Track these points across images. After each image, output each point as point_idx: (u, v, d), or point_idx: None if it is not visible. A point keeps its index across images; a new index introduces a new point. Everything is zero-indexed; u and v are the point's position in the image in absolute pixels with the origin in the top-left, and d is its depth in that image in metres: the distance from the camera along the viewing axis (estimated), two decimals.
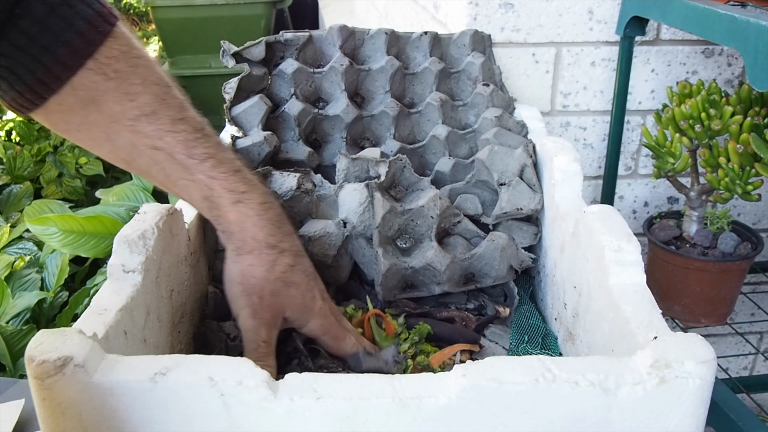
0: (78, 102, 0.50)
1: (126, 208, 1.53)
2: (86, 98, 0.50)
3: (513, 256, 0.74)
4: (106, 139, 0.53)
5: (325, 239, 0.72)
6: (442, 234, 0.74)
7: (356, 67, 0.83)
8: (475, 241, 0.76)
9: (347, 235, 0.73)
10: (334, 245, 0.72)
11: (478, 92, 0.85)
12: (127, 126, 0.52)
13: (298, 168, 0.76)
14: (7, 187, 1.92)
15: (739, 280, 0.96)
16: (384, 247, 0.71)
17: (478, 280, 0.74)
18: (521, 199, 0.74)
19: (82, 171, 2.06)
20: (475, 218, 0.77)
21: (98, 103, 0.51)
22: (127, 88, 0.51)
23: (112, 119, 0.51)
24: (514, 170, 0.75)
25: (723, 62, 1.08)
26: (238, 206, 0.55)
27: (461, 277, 0.73)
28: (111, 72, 0.50)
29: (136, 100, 0.51)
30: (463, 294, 0.75)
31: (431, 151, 0.83)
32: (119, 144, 0.53)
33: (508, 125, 0.81)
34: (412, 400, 0.41)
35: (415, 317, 0.71)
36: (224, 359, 0.43)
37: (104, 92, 0.50)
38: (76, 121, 0.52)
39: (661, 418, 0.43)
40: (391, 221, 0.71)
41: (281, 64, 0.81)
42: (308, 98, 0.82)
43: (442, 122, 0.83)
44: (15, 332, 1.25)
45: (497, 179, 0.75)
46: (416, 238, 0.74)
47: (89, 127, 0.52)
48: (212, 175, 0.54)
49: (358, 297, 0.75)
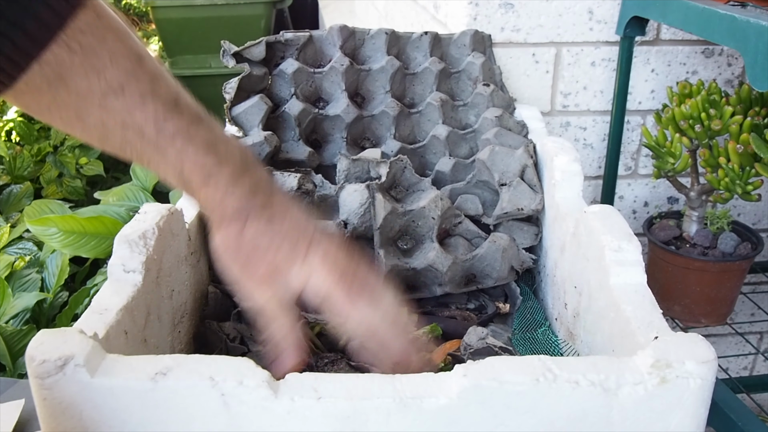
0: (45, 81, 0.47)
1: (126, 208, 1.53)
2: (53, 76, 0.47)
3: (514, 256, 0.74)
4: (77, 119, 0.50)
5: None
6: (443, 235, 0.74)
7: (356, 67, 0.83)
8: (476, 241, 0.76)
9: (347, 237, 0.73)
10: None
11: (478, 92, 0.85)
12: (95, 104, 0.49)
13: (299, 168, 0.76)
14: (7, 187, 1.92)
15: (739, 280, 0.96)
16: (385, 249, 0.71)
17: (480, 281, 0.74)
18: (522, 200, 0.74)
19: (83, 171, 2.06)
20: (475, 218, 0.77)
21: (65, 80, 0.48)
22: (93, 63, 0.48)
23: (80, 97, 0.49)
24: (515, 170, 0.75)
25: (723, 62, 1.08)
26: (209, 181, 0.52)
27: (462, 278, 0.73)
28: (76, 46, 0.47)
29: (104, 74, 0.48)
30: (463, 294, 0.75)
31: (431, 151, 0.83)
32: (90, 123, 0.50)
33: (509, 125, 0.81)
34: (412, 399, 0.41)
35: (420, 316, 0.71)
36: (225, 359, 0.43)
37: (70, 68, 0.47)
38: (46, 102, 0.49)
39: (661, 418, 0.43)
40: (392, 222, 0.71)
41: (281, 64, 0.81)
42: (308, 98, 0.82)
43: (442, 122, 0.83)
44: (15, 332, 1.25)
45: (498, 179, 0.75)
46: (417, 239, 0.74)
47: (59, 107, 0.49)
48: (182, 152, 0.51)
49: None
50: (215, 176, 0.52)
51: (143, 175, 1.68)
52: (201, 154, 0.52)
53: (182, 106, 0.52)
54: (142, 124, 0.50)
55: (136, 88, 0.50)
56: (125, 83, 0.49)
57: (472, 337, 0.64)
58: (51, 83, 0.47)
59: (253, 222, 0.53)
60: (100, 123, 0.50)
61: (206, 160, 0.52)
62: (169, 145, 0.51)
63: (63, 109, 0.50)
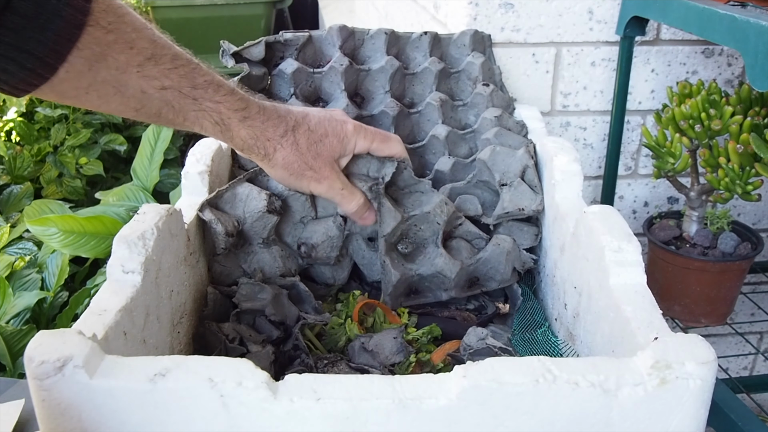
0: (86, 63, 0.50)
1: (126, 208, 1.53)
2: (92, 56, 0.50)
3: (516, 258, 0.74)
4: (116, 93, 0.54)
5: (327, 243, 0.72)
6: (444, 237, 0.74)
7: (356, 67, 0.83)
8: (476, 242, 0.75)
9: (347, 234, 0.73)
10: (336, 246, 0.72)
11: (477, 92, 0.84)
12: (134, 74, 0.53)
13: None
14: (7, 187, 1.91)
15: (739, 280, 0.96)
16: (390, 256, 0.70)
17: (483, 283, 0.74)
18: (523, 200, 0.74)
19: (83, 171, 2.06)
20: (475, 218, 0.77)
21: (105, 58, 0.51)
22: (124, 38, 0.52)
23: (120, 71, 0.52)
24: (515, 171, 0.75)
25: (723, 62, 1.08)
26: (246, 122, 0.61)
27: (466, 281, 0.73)
28: (107, 24, 0.50)
29: (136, 46, 0.53)
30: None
31: (431, 151, 0.83)
32: (129, 94, 0.54)
33: (508, 125, 0.81)
34: (412, 400, 0.41)
35: (420, 316, 0.71)
36: (224, 360, 0.43)
37: (108, 45, 0.51)
38: (86, 84, 0.52)
39: (661, 419, 0.43)
40: (397, 229, 0.71)
41: (281, 64, 0.81)
42: (308, 98, 0.82)
43: (441, 122, 0.83)
44: (15, 332, 1.25)
45: (499, 180, 0.75)
46: (418, 242, 0.74)
47: (99, 85, 0.52)
48: (217, 100, 0.58)
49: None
50: (249, 116, 0.61)
51: (143, 175, 1.68)
52: (232, 98, 0.59)
53: (191, 59, 0.58)
54: (178, 82, 0.56)
55: (163, 53, 0.55)
56: (154, 51, 0.54)
57: (472, 338, 0.64)
58: (92, 64, 0.51)
59: (300, 134, 0.64)
60: (139, 92, 0.55)
61: (237, 103, 0.60)
62: (204, 96, 0.58)
63: (101, 87, 0.53)
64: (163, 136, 1.71)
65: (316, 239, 0.72)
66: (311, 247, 0.72)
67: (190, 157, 0.71)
